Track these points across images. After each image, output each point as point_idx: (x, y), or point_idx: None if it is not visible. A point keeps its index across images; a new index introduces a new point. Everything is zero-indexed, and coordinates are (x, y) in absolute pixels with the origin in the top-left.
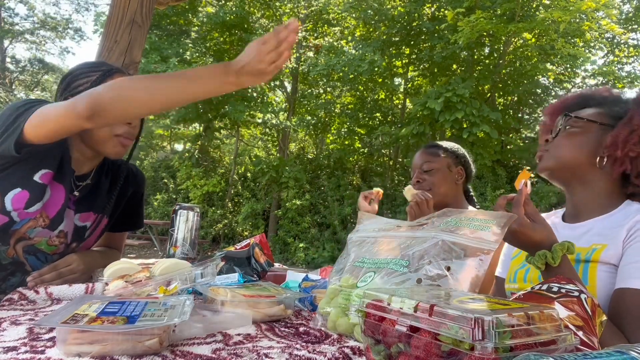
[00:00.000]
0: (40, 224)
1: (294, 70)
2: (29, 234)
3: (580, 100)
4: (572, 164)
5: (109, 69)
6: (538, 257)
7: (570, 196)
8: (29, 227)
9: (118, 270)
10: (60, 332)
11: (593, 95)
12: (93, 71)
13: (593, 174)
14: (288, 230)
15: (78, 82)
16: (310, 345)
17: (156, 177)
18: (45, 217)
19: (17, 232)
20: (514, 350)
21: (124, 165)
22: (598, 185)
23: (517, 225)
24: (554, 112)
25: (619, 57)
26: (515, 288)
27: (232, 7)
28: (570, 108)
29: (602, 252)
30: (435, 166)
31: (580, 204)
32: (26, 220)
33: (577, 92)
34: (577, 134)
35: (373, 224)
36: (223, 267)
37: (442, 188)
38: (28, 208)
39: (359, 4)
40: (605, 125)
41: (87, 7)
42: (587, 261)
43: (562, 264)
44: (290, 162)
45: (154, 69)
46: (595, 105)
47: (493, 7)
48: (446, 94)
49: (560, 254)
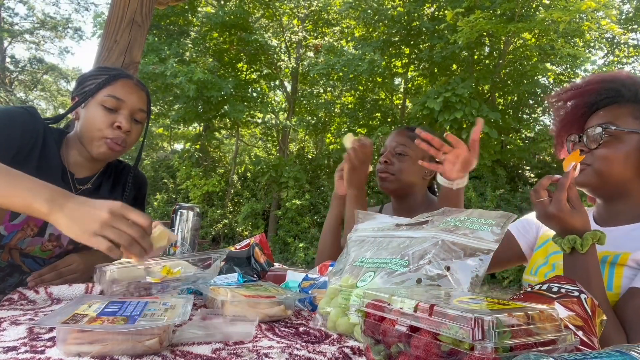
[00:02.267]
0: (29, 234)
1: (293, 70)
2: (20, 245)
3: (607, 92)
4: (618, 179)
5: (114, 75)
6: (567, 240)
7: (604, 203)
8: (19, 239)
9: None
10: (60, 331)
11: (620, 87)
12: (102, 74)
13: (636, 186)
14: (288, 230)
15: (87, 83)
16: (310, 345)
17: (156, 177)
18: (33, 227)
19: (8, 245)
20: (513, 350)
21: (126, 168)
22: (637, 197)
23: (556, 210)
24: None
25: (619, 57)
26: (534, 281)
27: (231, 7)
28: (598, 103)
29: (630, 256)
30: (409, 152)
31: (615, 212)
32: (14, 232)
33: (597, 79)
34: (619, 145)
35: (372, 224)
36: (223, 267)
37: (408, 177)
38: (13, 220)
39: (359, 4)
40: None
41: (86, 7)
42: (613, 264)
43: (589, 252)
44: (290, 162)
45: (152, 70)
46: (627, 101)
47: (493, 7)
48: (445, 94)
49: (589, 242)
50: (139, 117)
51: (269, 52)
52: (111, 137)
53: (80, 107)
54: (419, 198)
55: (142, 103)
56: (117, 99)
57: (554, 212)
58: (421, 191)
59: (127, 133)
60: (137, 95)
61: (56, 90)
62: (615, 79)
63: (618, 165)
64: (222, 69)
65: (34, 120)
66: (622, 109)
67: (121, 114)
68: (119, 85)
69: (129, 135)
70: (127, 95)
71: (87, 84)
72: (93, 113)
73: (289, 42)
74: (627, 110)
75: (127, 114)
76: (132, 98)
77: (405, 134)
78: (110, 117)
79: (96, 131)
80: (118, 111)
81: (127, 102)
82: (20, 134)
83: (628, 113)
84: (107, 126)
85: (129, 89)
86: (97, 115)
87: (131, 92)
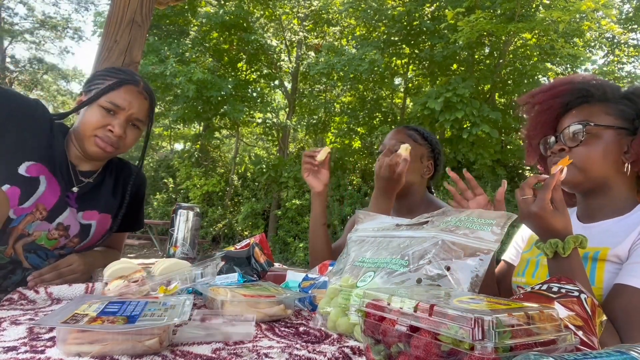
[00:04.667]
0: (38, 217)
1: (294, 70)
2: (28, 230)
3: (578, 92)
4: (601, 174)
5: (119, 81)
6: (549, 245)
7: (586, 199)
8: (27, 222)
9: (118, 270)
10: (60, 331)
11: (589, 87)
12: (110, 76)
13: (616, 180)
14: (288, 230)
15: (96, 81)
16: (310, 345)
17: (156, 177)
18: (42, 210)
19: (16, 230)
20: (513, 350)
21: (129, 167)
22: (617, 191)
23: (538, 209)
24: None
25: (619, 57)
26: (522, 282)
27: (231, 7)
28: (570, 103)
29: (609, 251)
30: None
31: (597, 207)
32: (23, 216)
33: (566, 80)
34: (598, 142)
35: (372, 224)
36: (223, 267)
37: (407, 176)
38: (22, 204)
39: (359, 4)
40: (621, 129)
41: (86, 7)
42: (595, 259)
43: (572, 256)
44: (290, 161)
45: (152, 70)
46: (597, 100)
47: (493, 7)
48: (446, 94)
49: (571, 246)
50: (136, 123)
51: (269, 52)
52: (101, 136)
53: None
54: (419, 197)
55: (141, 112)
56: (116, 106)
57: (536, 210)
58: (420, 190)
59: (119, 137)
60: (138, 103)
61: (56, 90)
62: (583, 80)
63: (598, 161)
64: (222, 68)
65: (43, 109)
66: (594, 108)
67: (117, 119)
68: (123, 91)
69: (122, 139)
70: (128, 103)
71: (95, 82)
72: (91, 113)
73: (289, 42)
74: (598, 108)
75: (122, 120)
76: (133, 106)
77: (404, 132)
78: (106, 119)
79: (89, 130)
80: (115, 115)
81: (125, 110)
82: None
83: (600, 111)
84: (100, 127)
85: (131, 96)
86: (93, 115)
87: (133, 99)
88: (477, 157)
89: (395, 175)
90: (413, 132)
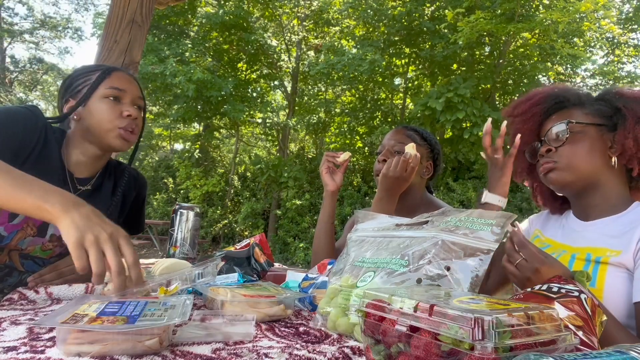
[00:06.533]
0: (30, 233)
1: (294, 70)
2: (21, 246)
3: (556, 98)
4: (589, 171)
5: (107, 68)
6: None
7: (579, 198)
8: (19, 239)
9: None
10: (60, 331)
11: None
12: (92, 72)
13: (606, 176)
14: (288, 230)
15: (78, 83)
16: (310, 345)
17: (156, 177)
18: (32, 226)
19: (9, 246)
20: (514, 350)
21: (127, 169)
22: (609, 187)
23: (538, 264)
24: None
25: (619, 57)
26: None
27: (231, 7)
28: (550, 109)
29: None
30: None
31: (590, 206)
32: (14, 232)
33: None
34: (582, 139)
35: (372, 224)
36: (223, 267)
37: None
38: (12, 220)
39: (359, 4)
40: (602, 126)
41: (86, 7)
42: (598, 262)
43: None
44: (290, 161)
45: (152, 70)
46: (573, 105)
47: (493, 7)
48: (447, 94)
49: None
50: (139, 104)
51: (269, 52)
52: (123, 126)
53: (81, 107)
54: (418, 197)
55: (139, 91)
56: (119, 89)
57: (537, 267)
58: (420, 190)
59: (135, 120)
60: (133, 84)
61: (56, 90)
62: (558, 87)
63: (585, 158)
64: (222, 68)
65: (35, 119)
66: (572, 110)
67: (125, 102)
68: (115, 77)
69: (137, 121)
70: (126, 84)
71: (78, 84)
72: (99, 107)
73: (289, 42)
74: (576, 111)
75: (129, 101)
76: (131, 87)
77: (403, 132)
78: (117, 107)
79: (107, 123)
80: (121, 101)
81: (127, 91)
82: (22, 133)
83: (578, 112)
84: (117, 116)
85: (125, 79)
86: (103, 108)
87: (128, 82)
88: (477, 157)
89: (406, 174)
90: (412, 132)
